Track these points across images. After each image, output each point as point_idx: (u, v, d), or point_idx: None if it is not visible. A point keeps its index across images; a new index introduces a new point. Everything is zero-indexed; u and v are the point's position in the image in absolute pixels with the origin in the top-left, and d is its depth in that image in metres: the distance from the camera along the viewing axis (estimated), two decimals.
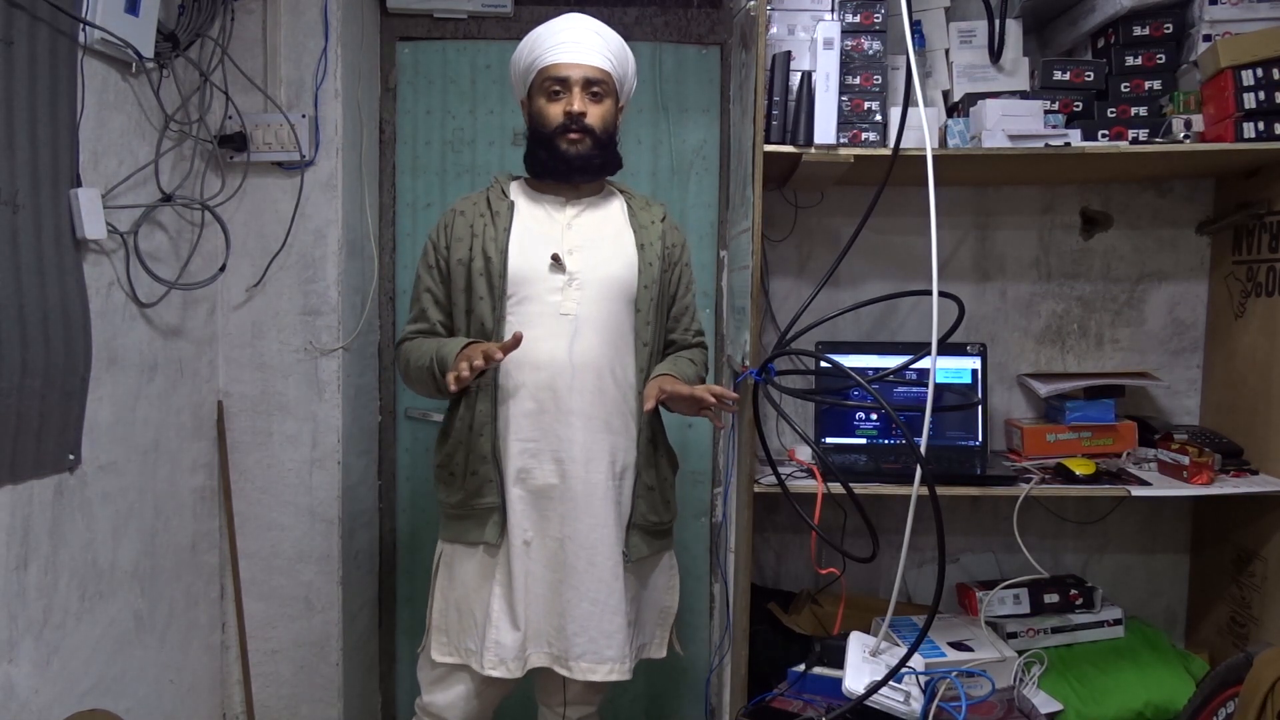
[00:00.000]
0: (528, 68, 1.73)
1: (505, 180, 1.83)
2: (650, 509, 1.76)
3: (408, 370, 1.77)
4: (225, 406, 2.19)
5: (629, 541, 1.73)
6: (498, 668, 1.67)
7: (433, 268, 1.78)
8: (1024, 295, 2.30)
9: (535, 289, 1.70)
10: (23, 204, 1.50)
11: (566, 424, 1.68)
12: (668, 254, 1.82)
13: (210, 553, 2.17)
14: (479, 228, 1.74)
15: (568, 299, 1.69)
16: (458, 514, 1.74)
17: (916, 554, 2.31)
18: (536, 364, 1.68)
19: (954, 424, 2.15)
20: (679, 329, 1.87)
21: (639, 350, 1.75)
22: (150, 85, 1.88)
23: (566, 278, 1.70)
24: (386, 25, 2.40)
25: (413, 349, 1.75)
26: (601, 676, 1.67)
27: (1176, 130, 1.89)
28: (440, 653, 1.75)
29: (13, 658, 1.52)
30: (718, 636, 2.32)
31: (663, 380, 1.71)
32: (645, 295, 1.75)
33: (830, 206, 2.27)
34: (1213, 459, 1.90)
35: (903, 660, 1.53)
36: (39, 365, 1.54)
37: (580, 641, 1.67)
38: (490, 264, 1.70)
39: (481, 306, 1.71)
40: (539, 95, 1.72)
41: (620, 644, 1.69)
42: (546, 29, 1.72)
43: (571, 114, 1.69)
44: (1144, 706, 1.92)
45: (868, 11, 1.85)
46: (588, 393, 1.69)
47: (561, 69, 1.69)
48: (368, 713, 2.45)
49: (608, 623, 1.67)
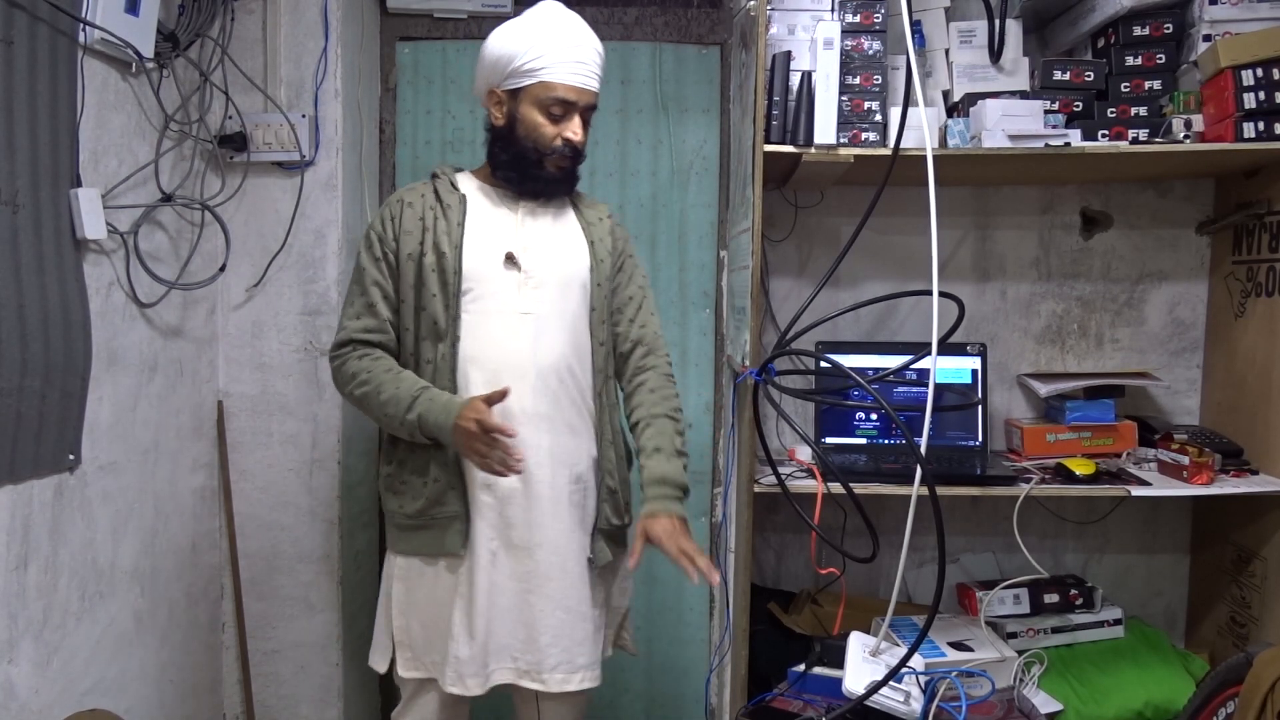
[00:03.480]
0: (521, 70, 1.61)
1: (450, 172, 1.74)
2: (614, 512, 1.72)
3: (361, 398, 1.64)
4: (225, 406, 2.19)
5: (595, 547, 1.69)
6: (456, 684, 1.60)
7: (380, 260, 1.66)
8: (1024, 295, 2.30)
9: (491, 286, 1.63)
10: (23, 204, 1.50)
11: (532, 427, 1.61)
12: (616, 249, 1.76)
13: (210, 553, 2.17)
14: (429, 221, 1.65)
15: (526, 298, 1.64)
16: (415, 524, 1.65)
17: (916, 554, 2.31)
18: (499, 364, 1.61)
19: (954, 424, 2.15)
20: (623, 320, 1.75)
21: (595, 350, 1.71)
22: (150, 85, 1.88)
23: (523, 276, 1.64)
24: (386, 25, 2.40)
25: (370, 378, 1.62)
26: (576, 685, 1.63)
27: (1176, 130, 1.89)
28: (407, 668, 1.68)
29: (13, 658, 1.52)
30: (718, 636, 2.32)
31: (652, 525, 1.60)
32: (599, 293, 1.71)
33: (830, 206, 2.27)
34: (1213, 459, 1.90)
35: (903, 660, 1.53)
36: (39, 365, 1.54)
37: (554, 652, 1.62)
38: (444, 259, 1.62)
39: (434, 304, 1.62)
40: (534, 108, 1.63)
41: (590, 650, 1.66)
42: (551, 37, 1.61)
43: (572, 143, 1.64)
44: (1144, 706, 1.92)
45: (868, 11, 1.85)
46: (550, 394, 1.63)
47: (571, 93, 1.62)
48: (368, 713, 2.45)
49: (579, 630, 1.64)
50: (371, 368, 1.64)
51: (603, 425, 1.72)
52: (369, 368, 1.64)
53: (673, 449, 1.69)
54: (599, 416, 1.71)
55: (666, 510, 1.62)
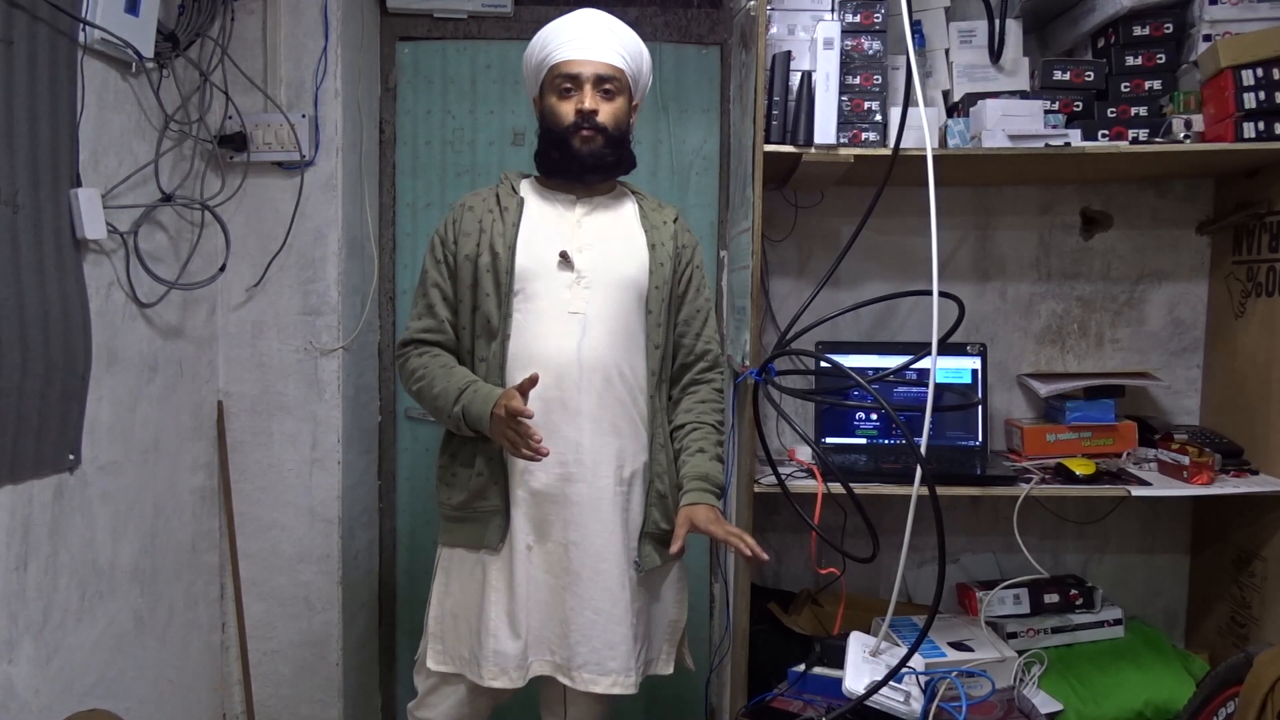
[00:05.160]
0: (539, 65, 1.70)
1: (515, 177, 1.79)
2: (663, 516, 1.71)
3: (418, 393, 1.71)
4: (225, 406, 2.19)
5: (641, 550, 1.69)
6: (499, 678, 1.62)
7: (440, 263, 1.72)
8: (1024, 295, 2.30)
9: (542, 285, 1.65)
10: (23, 204, 1.50)
11: (574, 425, 1.64)
12: (679, 254, 1.76)
13: (210, 553, 2.17)
14: (487, 223, 1.70)
15: (576, 297, 1.65)
16: (459, 516, 1.70)
17: (916, 554, 2.31)
18: (544, 362, 1.62)
19: (954, 424, 2.15)
20: (689, 334, 1.78)
21: (650, 352, 1.71)
22: (150, 85, 1.88)
23: (575, 275, 1.66)
24: (386, 25, 2.40)
25: (426, 373, 1.69)
26: (604, 688, 1.63)
27: (1176, 130, 1.89)
28: (435, 661, 1.70)
29: (13, 658, 1.52)
30: (718, 636, 2.32)
31: (695, 512, 1.64)
32: (657, 296, 1.71)
33: (830, 206, 2.26)
34: (1213, 459, 1.90)
35: (903, 660, 1.53)
36: (39, 365, 1.54)
37: (582, 651, 1.62)
38: (497, 259, 1.66)
39: (488, 303, 1.66)
40: (550, 93, 1.69)
41: (624, 655, 1.64)
42: (558, 25, 1.69)
43: (583, 112, 1.65)
44: (1144, 706, 1.92)
45: (868, 11, 1.85)
46: (595, 393, 1.64)
47: (573, 65, 1.66)
48: (368, 713, 2.45)
49: (611, 633, 1.63)
50: (429, 364, 1.69)
51: (654, 428, 1.71)
52: (426, 364, 1.70)
53: (715, 453, 1.73)
54: (650, 419, 1.71)
55: (706, 502, 1.66)
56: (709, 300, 1.82)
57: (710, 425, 1.76)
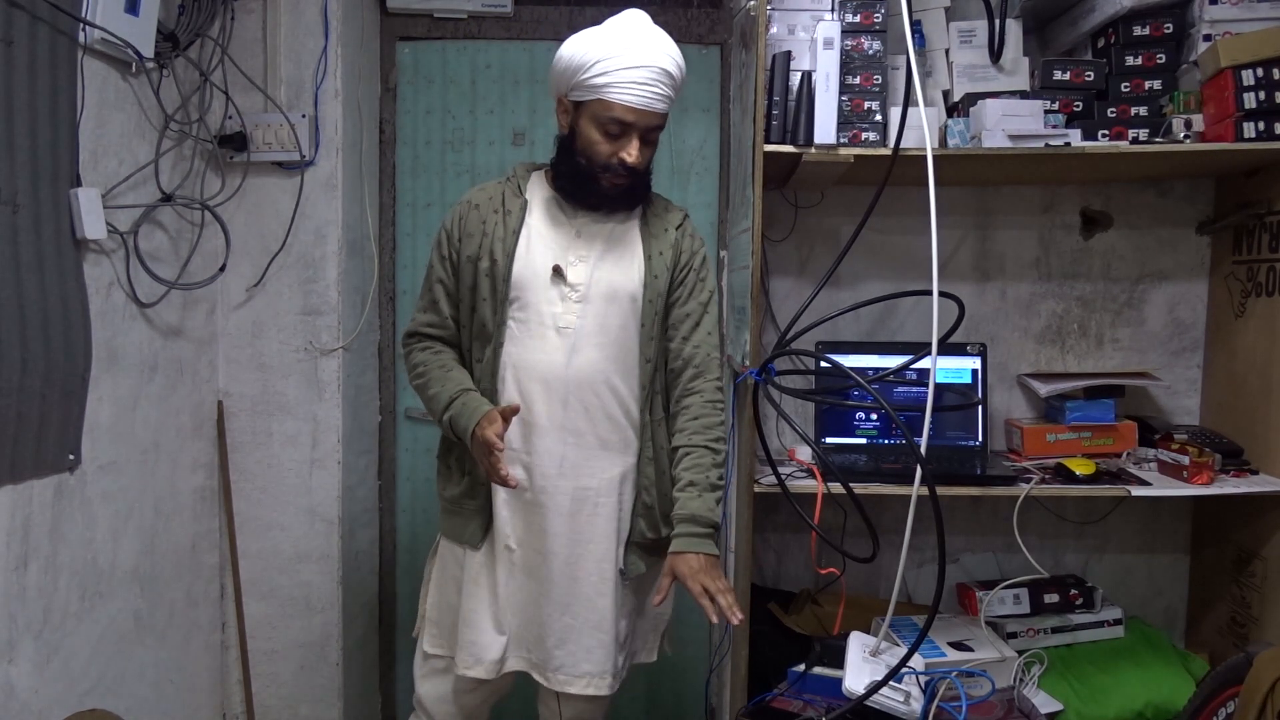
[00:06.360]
0: (584, 84, 1.56)
1: (524, 174, 1.75)
2: (649, 527, 1.71)
3: (418, 389, 1.73)
4: (225, 406, 2.19)
5: (627, 559, 1.70)
6: (473, 668, 1.65)
7: (445, 259, 1.71)
8: (1024, 295, 2.30)
9: (534, 297, 1.65)
10: (23, 204, 1.50)
11: (558, 439, 1.64)
12: (678, 261, 1.70)
13: (210, 553, 2.17)
14: (490, 226, 1.68)
15: (568, 311, 1.64)
16: (449, 509, 1.74)
17: (916, 554, 2.31)
18: (532, 375, 1.64)
19: (954, 424, 2.15)
20: (676, 338, 1.70)
21: (642, 366, 1.68)
22: (150, 85, 1.88)
23: (566, 289, 1.64)
24: (386, 25, 2.40)
25: (425, 371, 1.70)
26: (578, 689, 1.65)
27: (1176, 130, 1.89)
28: (431, 644, 1.76)
29: (13, 658, 1.52)
30: (718, 636, 2.32)
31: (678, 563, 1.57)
32: (650, 309, 1.67)
33: (830, 206, 2.26)
34: (1213, 459, 1.90)
35: (903, 660, 1.53)
36: (39, 365, 1.54)
37: (558, 654, 1.65)
38: (495, 266, 1.65)
39: (484, 308, 1.66)
40: (592, 124, 1.59)
41: (600, 660, 1.65)
42: (620, 54, 1.54)
43: (626, 164, 1.60)
44: (1144, 706, 1.92)
45: (868, 11, 1.85)
46: (583, 408, 1.65)
47: (628, 114, 1.56)
48: (368, 713, 2.45)
49: (587, 638, 1.65)
50: (430, 361, 1.71)
51: (644, 442, 1.70)
52: (427, 360, 1.71)
53: (707, 483, 1.63)
54: (640, 433, 1.70)
55: (693, 548, 1.58)
56: (704, 305, 1.72)
57: (702, 447, 1.65)
